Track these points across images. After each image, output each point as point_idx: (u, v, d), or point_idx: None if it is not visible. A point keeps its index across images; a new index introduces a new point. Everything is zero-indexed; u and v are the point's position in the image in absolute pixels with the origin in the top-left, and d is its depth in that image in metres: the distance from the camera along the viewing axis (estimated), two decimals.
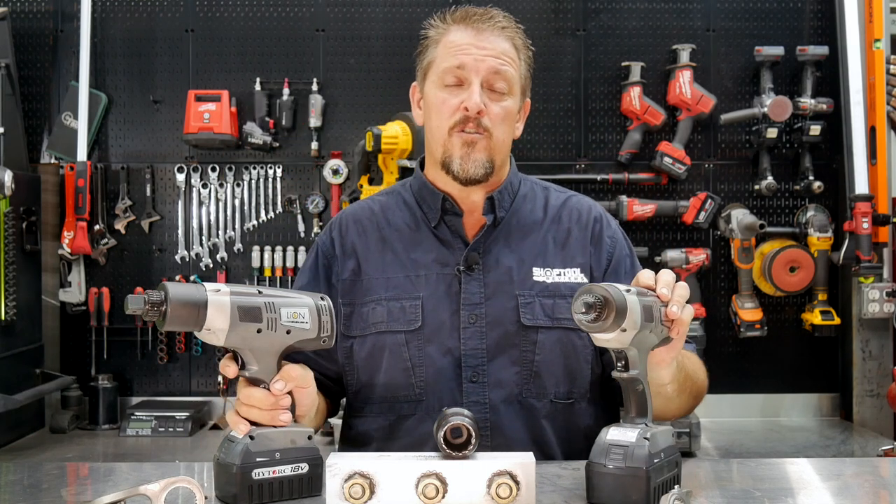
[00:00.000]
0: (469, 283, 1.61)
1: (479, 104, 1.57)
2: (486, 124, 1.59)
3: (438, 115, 1.61)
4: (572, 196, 1.76)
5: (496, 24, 1.62)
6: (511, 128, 1.66)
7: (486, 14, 1.63)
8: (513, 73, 1.62)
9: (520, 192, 1.71)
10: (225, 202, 3.31)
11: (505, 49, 1.61)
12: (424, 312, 1.60)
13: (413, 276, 1.63)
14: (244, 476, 1.22)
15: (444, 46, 1.62)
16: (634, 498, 1.19)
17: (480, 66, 1.59)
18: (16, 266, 2.87)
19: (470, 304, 1.60)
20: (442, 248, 1.65)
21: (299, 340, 1.30)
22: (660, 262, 3.22)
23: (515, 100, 1.65)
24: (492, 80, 1.60)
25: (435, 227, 1.66)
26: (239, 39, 3.33)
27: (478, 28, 1.61)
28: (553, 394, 1.60)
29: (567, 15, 3.34)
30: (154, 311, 1.17)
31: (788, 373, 3.32)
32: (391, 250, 1.66)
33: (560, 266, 1.65)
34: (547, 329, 1.60)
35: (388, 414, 1.61)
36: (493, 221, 1.65)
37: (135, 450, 2.86)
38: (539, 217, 1.70)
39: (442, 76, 1.61)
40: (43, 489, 1.36)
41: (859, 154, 3.08)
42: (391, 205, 1.72)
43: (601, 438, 1.25)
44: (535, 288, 1.61)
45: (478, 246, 1.63)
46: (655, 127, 3.25)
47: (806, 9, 3.33)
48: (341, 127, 3.33)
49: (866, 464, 1.83)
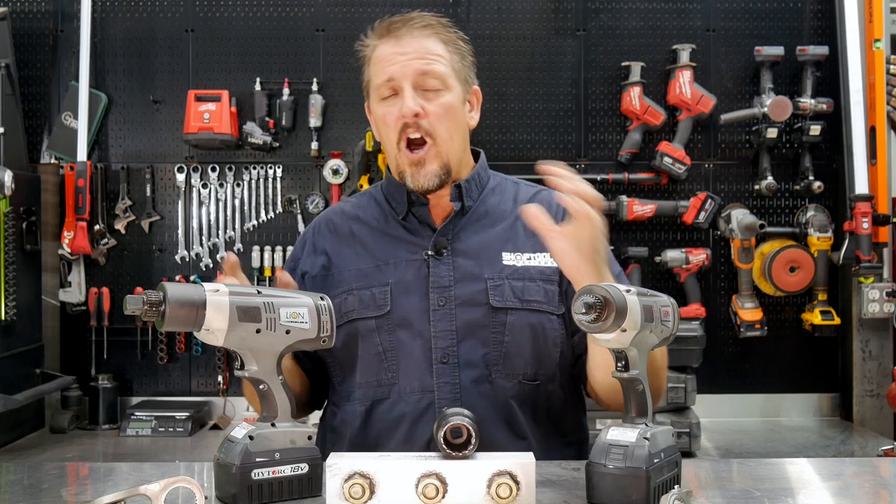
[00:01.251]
0: (437, 266, 1.64)
1: (413, 108, 1.60)
2: (426, 127, 1.62)
3: (385, 128, 1.66)
4: (542, 189, 1.77)
5: (414, 25, 1.65)
6: (458, 121, 1.67)
7: (406, 19, 1.66)
8: (441, 68, 1.64)
9: (489, 185, 1.75)
10: (225, 202, 3.31)
11: (427, 47, 1.64)
12: (393, 297, 1.63)
13: (382, 265, 1.67)
14: (244, 476, 1.22)
15: (375, 63, 1.67)
16: (634, 498, 1.19)
17: (406, 70, 1.62)
18: (16, 266, 2.87)
19: (439, 287, 1.63)
20: (410, 237, 1.68)
21: (299, 340, 1.30)
22: (660, 261, 3.22)
23: (454, 92, 1.66)
24: (422, 81, 1.63)
25: (403, 219, 1.70)
26: (239, 39, 3.33)
27: (398, 35, 1.64)
28: (522, 375, 1.62)
29: (567, 15, 3.34)
30: (153, 311, 1.17)
31: (788, 373, 3.32)
32: (360, 244, 1.71)
33: (530, 251, 1.67)
34: (516, 311, 1.62)
35: (363, 400, 1.64)
36: (460, 209, 1.68)
37: (135, 450, 2.86)
38: (508, 207, 1.72)
39: (378, 91, 1.66)
40: (43, 489, 1.36)
41: (859, 154, 3.08)
42: (363, 204, 1.78)
43: (601, 438, 1.25)
44: (504, 271, 1.64)
45: (446, 231, 1.67)
46: (655, 127, 3.25)
47: (806, 9, 3.33)
48: (341, 127, 3.33)
49: (866, 464, 1.83)
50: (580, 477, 1.28)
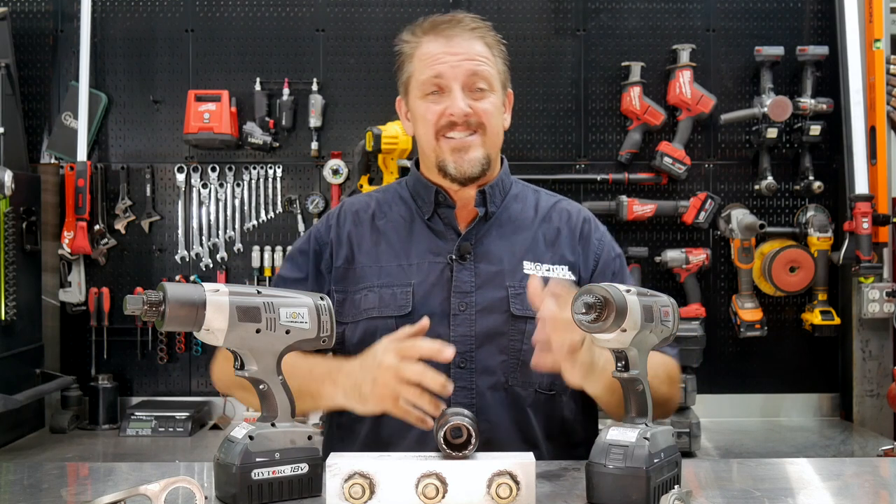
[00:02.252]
0: (461, 271, 1.65)
1: (464, 109, 1.63)
2: (475, 123, 1.65)
3: (425, 124, 1.67)
4: (562, 199, 1.82)
5: (464, 27, 1.68)
6: (500, 122, 1.72)
7: (454, 20, 1.69)
8: (490, 70, 1.68)
9: (511, 192, 1.77)
10: (225, 202, 3.31)
11: (478, 50, 1.67)
12: (415, 299, 1.64)
13: (405, 265, 1.67)
14: (244, 476, 1.22)
15: (420, 59, 1.68)
16: (634, 498, 1.19)
17: (457, 71, 1.64)
18: (16, 266, 2.87)
19: (461, 291, 1.64)
20: (435, 239, 1.69)
21: (298, 340, 1.30)
22: (660, 261, 3.22)
23: (498, 95, 1.70)
24: (471, 83, 1.65)
25: (429, 219, 1.71)
26: (239, 39, 3.33)
27: (448, 35, 1.67)
28: (538, 384, 1.63)
29: (567, 15, 3.34)
30: (153, 311, 1.17)
31: (788, 373, 3.32)
32: (385, 241, 1.71)
33: (549, 262, 1.69)
34: (536, 320, 1.61)
35: None
36: (484, 214, 1.70)
37: (135, 450, 2.86)
38: (530, 215, 1.75)
39: (422, 88, 1.67)
40: (43, 489, 1.36)
41: (859, 154, 3.08)
42: (388, 199, 1.78)
43: (601, 439, 1.25)
44: (525, 280, 1.64)
45: (470, 236, 1.68)
46: (655, 127, 3.25)
47: (806, 9, 3.33)
48: (341, 127, 3.33)
49: (866, 464, 1.83)
50: (580, 477, 1.28)
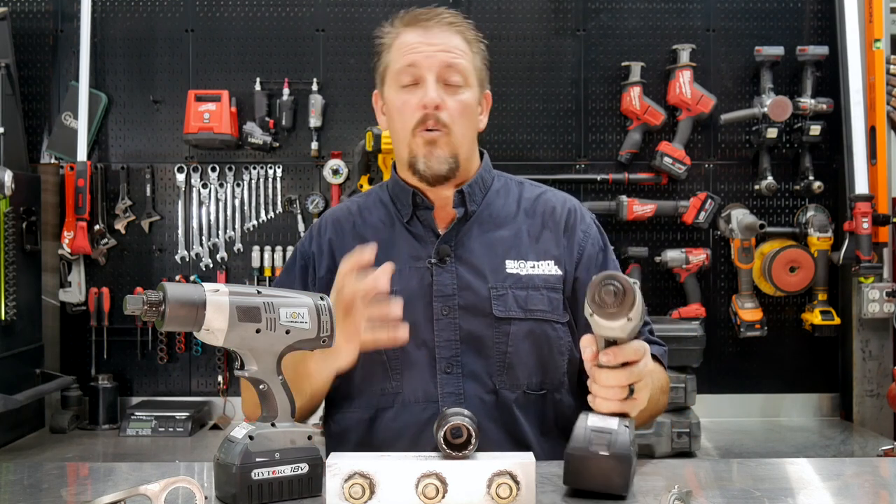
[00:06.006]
0: (441, 275, 1.63)
1: (436, 98, 1.61)
2: (444, 119, 1.62)
3: (401, 116, 1.65)
4: (547, 191, 1.78)
5: (443, 20, 1.66)
6: (472, 121, 1.69)
7: (433, 12, 1.67)
8: (466, 65, 1.65)
9: (493, 188, 1.74)
10: (225, 202, 3.31)
11: (455, 43, 1.65)
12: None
13: None
14: (244, 476, 1.22)
15: (397, 49, 1.66)
16: (617, 482, 1.22)
17: (432, 61, 1.62)
18: (16, 266, 2.87)
19: (442, 295, 1.62)
20: (414, 243, 1.67)
21: (299, 340, 1.30)
22: (660, 261, 3.22)
23: (473, 91, 1.67)
24: (446, 75, 1.63)
25: (408, 223, 1.69)
26: (239, 39, 3.33)
27: (425, 26, 1.65)
28: (526, 385, 1.62)
29: (567, 15, 3.34)
30: (152, 311, 1.17)
31: (788, 373, 3.32)
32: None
33: (534, 259, 1.66)
34: (519, 321, 1.61)
35: (366, 408, 1.63)
36: (463, 214, 1.67)
37: (135, 450, 2.86)
38: (512, 210, 1.72)
39: (397, 77, 1.65)
40: (43, 489, 1.36)
41: (859, 154, 3.08)
42: (368, 204, 1.76)
43: (581, 425, 1.26)
44: (508, 280, 1.63)
45: (449, 238, 1.66)
46: (655, 127, 3.25)
47: (806, 9, 3.33)
48: (341, 127, 3.33)
49: (866, 464, 1.83)
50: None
